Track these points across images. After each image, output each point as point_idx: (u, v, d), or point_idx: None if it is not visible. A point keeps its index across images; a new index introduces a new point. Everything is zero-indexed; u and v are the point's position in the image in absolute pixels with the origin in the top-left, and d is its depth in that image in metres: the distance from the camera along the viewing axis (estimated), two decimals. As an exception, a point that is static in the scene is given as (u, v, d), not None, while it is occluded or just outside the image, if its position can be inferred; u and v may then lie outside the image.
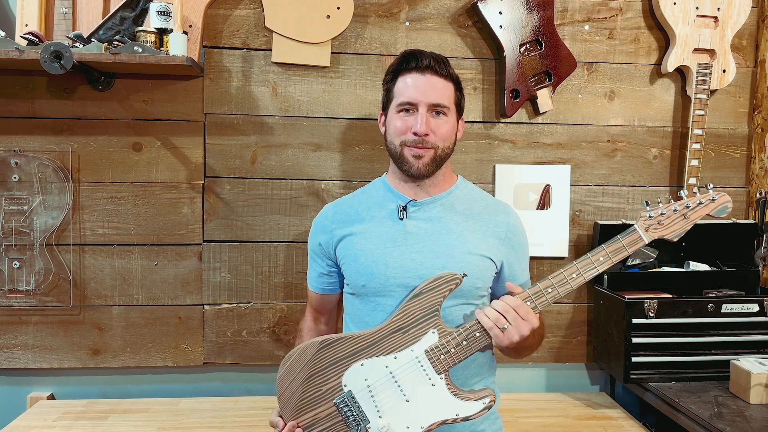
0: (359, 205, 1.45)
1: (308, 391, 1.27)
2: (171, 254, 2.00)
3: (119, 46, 1.74)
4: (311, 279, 1.52)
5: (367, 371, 1.25)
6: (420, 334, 1.24)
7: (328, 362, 1.26)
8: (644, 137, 2.14)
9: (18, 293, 1.95)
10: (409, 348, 1.24)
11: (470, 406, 1.23)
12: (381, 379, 1.24)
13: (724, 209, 1.24)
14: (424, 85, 1.34)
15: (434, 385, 1.23)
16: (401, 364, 1.24)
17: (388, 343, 1.25)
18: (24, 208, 1.94)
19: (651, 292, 2.00)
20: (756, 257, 2.08)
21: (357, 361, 1.25)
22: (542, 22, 1.99)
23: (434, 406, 1.23)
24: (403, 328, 1.25)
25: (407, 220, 1.38)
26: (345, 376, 1.25)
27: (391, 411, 1.23)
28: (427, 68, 1.34)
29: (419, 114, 1.34)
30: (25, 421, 1.82)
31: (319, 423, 1.26)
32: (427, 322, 1.24)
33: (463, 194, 1.45)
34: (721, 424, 1.56)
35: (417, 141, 1.34)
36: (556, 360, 2.15)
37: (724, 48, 2.07)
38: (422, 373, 1.23)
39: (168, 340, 2.02)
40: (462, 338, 1.23)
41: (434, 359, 1.23)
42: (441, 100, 1.35)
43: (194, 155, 1.99)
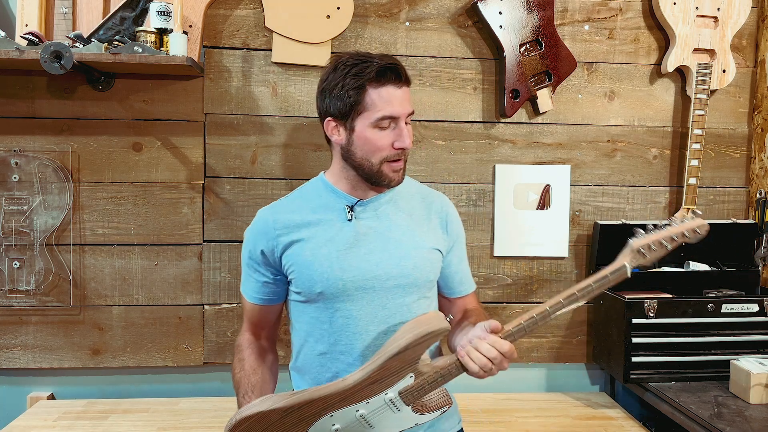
0: (302, 208, 1.37)
1: None
2: (171, 254, 2.00)
3: (119, 46, 1.74)
4: (250, 290, 1.40)
5: (336, 419, 1.22)
6: (396, 381, 1.21)
7: (294, 421, 1.21)
8: (644, 137, 2.14)
9: (18, 293, 1.95)
10: (384, 393, 1.21)
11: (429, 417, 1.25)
12: (351, 424, 1.22)
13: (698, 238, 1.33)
14: (401, 97, 1.29)
15: (400, 411, 1.23)
16: (373, 408, 1.22)
17: (362, 394, 1.21)
18: (24, 208, 1.94)
19: (651, 292, 2.00)
20: (756, 257, 2.08)
21: (326, 414, 1.22)
22: (542, 22, 1.99)
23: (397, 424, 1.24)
24: (380, 380, 1.21)
25: (356, 220, 1.34)
26: (312, 428, 1.22)
27: None
28: (405, 81, 1.30)
29: (401, 128, 1.29)
30: (25, 421, 1.82)
31: None
32: (406, 370, 1.21)
33: (402, 189, 1.41)
34: (721, 424, 1.57)
35: (398, 155, 1.31)
36: (556, 360, 2.15)
37: (724, 48, 2.07)
38: (392, 408, 1.22)
39: (168, 340, 2.02)
40: (438, 376, 1.22)
41: (407, 397, 1.22)
42: (412, 107, 1.33)
43: (194, 155, 1.99)
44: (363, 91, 1.27)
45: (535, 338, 2.13)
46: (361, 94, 1.27)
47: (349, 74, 1.27)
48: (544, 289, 2.12)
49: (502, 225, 2.08)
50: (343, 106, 1.28)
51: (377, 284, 1.30)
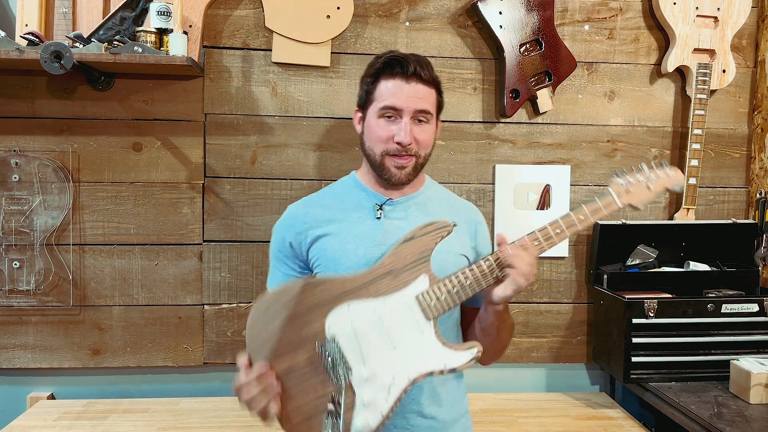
0: (332, 203, 1.39)
1: (287, 335, 1.15)
2: (171, 254, 2.00)
3: (119, 46, 1.74)
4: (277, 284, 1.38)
5: (354, 315, 1.17)
6: (410, 279, 1.19)
7: (312, 304, 1.16)
8: (644, 137, 2.14)
9: (18, 293, 1.95)
10: (399, 292, 1.19)
11: (458, 356, 1.17)
12: (368, 324, 1.17)
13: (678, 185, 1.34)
14: (408, 92, 1.30)
15: (423, 333, 1.18)
16: (390, 308, 1.18)
17: (377, 287, 1.18)
18: (24, 208, 1.94)
19: (651, 292, 2.00)
20: (756, 257, 2.08)
21: (343, 302, 1.17)
22: (542, 22, 1.99)
23: (421, 355, 1.17)
24: (393, 272, 1.19)
25: (384, 219, 1.35)
26: (329, 319, 1.16)
27: (377, 359, 1.16)
28: (412, 75, 1.30)
29: (403, 122, 1.30)
30: (25, 421, 1.82)
31: (296, 370, 1.15)
32: (419, 267, 1.20)
33: (433, 193, 1.44)
34: (721, 424, 1.56)
35: (400, 150, 1.31)
36: (556, 360, 2.15)
37: (724, 48, 2.07)
38: (412, 319, 1.18)
39: (168, 340, 2.02)
40: (453, 285, 1.20)
41: (424, 305, 1.19)
42: (425, 106, 1.32)
43: (194, 155, 1.99)
44: (376, 81, 1.33)
45: (535, 338, 2.13)
46: (374, 83, 1.33)
47: (371, 65, 1.35)
48: (544, 289, 2.12)
49: (502, 225, 2.08)
50: (362, 95, 1.37)
51: None
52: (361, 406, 1.14)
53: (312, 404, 1.14)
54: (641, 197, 1.30)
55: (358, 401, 1.14)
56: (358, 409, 1.14)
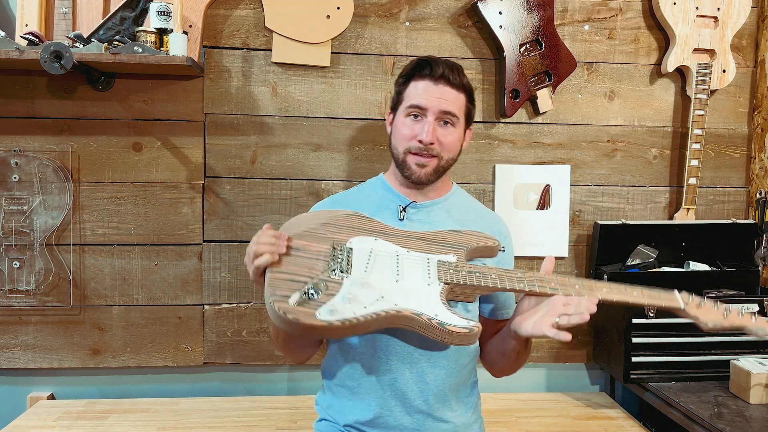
0: (358, 202, 1.44)
1: (319, 230, 1.26)
2: (171, 254, 2.00)
3: (119, 46, 1.74)
4: None
5: (378, 245, 1.26)
6: (441, 251, 1.26)
7: (350, 225, 1.28)
8: (644, 137, 2.14)
9: (18, 293, 1.95)
10: (426, 253, 1.26)
11: (452, 317, 1.17)
12: (385, 254, 1.24)
13: (763, 329, 1.23)
14: (436, 92, 1.34)
15: (429, 285, 1.21)
16: (411, 257, 1.25)
17: (409, 242, 1.27)
18: (24, 208, 1.94)
19: (651, 292, 2.00)
20: (756, 257, 2.08)
21: (374, 236, 1.27)
22: (542, 22, 1.99)
23: (419, 296, 1.19)
24: (429, 240, 1.28)
25: (407, 221, 1.38)
26: (356, 239, 1.26)
27: (377, 278, 1.21)
28: (441, 77, 1.33)
29: (427, 121, 1.33)
30: (25, 421, 1.82)
31: (306, 251, 1.23)
32: (454, 249, 1.26)
33: (459, 201, 1.46)
34: (721, 424, 1.57)
35: (422, 149, 1.34)
36: (556, 360, 2.15)
37: (724, 48, 2.07)
38: (425, 271, 1.22)
39: (168, 340, 2.02)
40: (477, 270, 1.23)
41: (442, 270, 1.22)
42: (451, 108, 1.34)
43: (194, 155, 1.99)
44: (407, 84, 1.38)
45: (534, 338, 2.12)
46: (405, 85, 1.39)
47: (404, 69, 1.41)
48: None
49: (502, 225, 2.08)
50: (394, 97, 1.43)
51: None
52: (339, 297, 1.16)
53: (301, 275, 1.19)
54: (711, 317, 1.25)
55: (342, 292, 1.17)
56: (336, 297, 1.16)
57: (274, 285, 1.16)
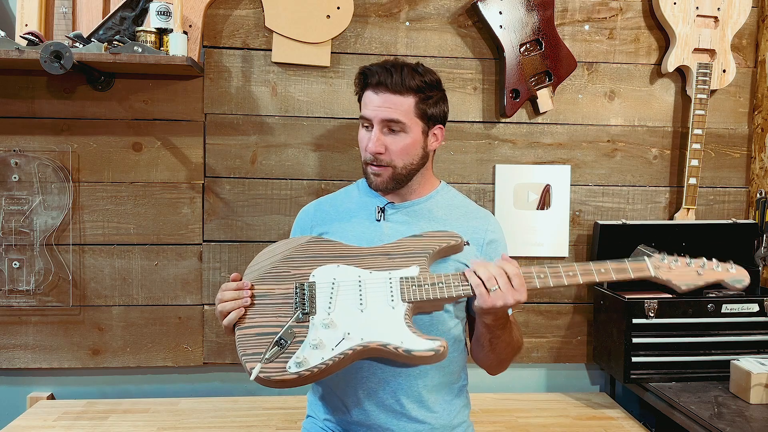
0: (339, 204, 1.46)
1: (279, 268, 1.28)
2: (171, 254, 2.00)
3: (119, 46, 1.74)
4: None
5: (340, 273, 1.25)
6: (403, 265, 1.24)
7: (310, 254, 1.28)
8: (644, 137, 2.14)
9: (18, 293, 1.95)
10: (387, 271, 1.24)
11: (417, 341, 1.16)
12: (348, 283, 1.24)
13: (740, 281, 1.22)
14: (376, 101, 1.32)
15: (393, 308, 1.20)
16: (373, 279, 1.24)
17: (371, 261, 1.26)
18: (24, 208, 1.94)
19: (651, 292, 2.00)
20: (756, 257, 2.08)
21: (335, 262, 1.26)
22: (542, 22, 1.99)
23: (384, 326, 1.19)
24: (390, 254, 1.26)
25: (384, 222, 1.38)
26: (317, 270, 1.26)
27: (342, 311, 1.21)
28: (377, 85, 1.31)
29: (372, 133, 1.33)
30: (25, 421, 1.82)
31: (270, 296, 1.25)
32: (415, 258, 1.25)
33: (443, 200, 1.43)
34: (721, 424, 1.56)
35: (372, 159, 1.34)
36: (556, 360, 2.15)
37: (724, 48, 2.07)
38: (388, 293, 1.22)
39: (168, 340, 2.02)
40: (439, 280, 1.21)
41: (405, 287, 1.21)
42: (391, 115, 1.31)
43: (194, 155, 1.99)
44: (362, 93, 1.38)
45: (535, 338, 2.13)
46: (361, 95, 1.39)
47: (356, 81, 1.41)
48: (544, 290, 2.12)
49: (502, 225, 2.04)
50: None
51: None
52: (307, 344, 1.18)
53: (267, 325, 1.22)
54: (685, 278, 1.21)
55: (308, 339, 1.19)
56: (304, 345, 1.18)
57: (244, 343, 1.20)
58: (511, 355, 1.37)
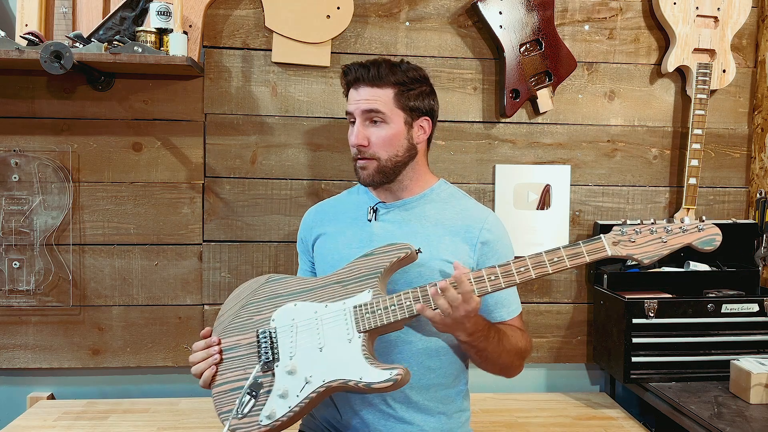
0: (339, 205, 1.49)
1: (242, 316, 1.30)
2: (171, 254, 2.00)
3: (119, 46, 1.74)
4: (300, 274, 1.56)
5: (297, 312, 1.26)
6: (356, 290, 1.25)
7: (268, 295, 1.30)
8: (644, 137, 2.14)
9: (18, 293, 1.95)
10: (342, 301, 1.25)
11: (376, 373, 1.17)
12: (306, 322, 1.25)
13: (710, 241, 1.12)
14: (356, 96, 1.36)
15: (350, 342, 1.21)
16: (329, 313, 1.25)
17: (326, 292, 1.27)
18: (24, 208, 1.94)
19: (651, 292, 2.00)
20: (756, 257, 2.08)
21: (292, 301, 1.28)
22: (542, 22, 1.99)
23: (343, 362, 1.20)
24: (343, 281, 1.27)
25: (375, 222, 1.39)
26: (276, 312, 1.28)
27: (303, 355, 1.23)
28: (354, 81, 1.36)
29: (355, 126, 1.36)
30: (25, 421, 1.82)
31: (239, 348, 1.28)
32: (367, 281, 1.24)
33: (438, 198, 1.41)
34: (721, 424, 1.56)
35: (356, 153, 1.36)
36: (556, 360, 2.15)
37: (724, 48, 2.07)
38: (344, 327, 1.22)
39: (168, 340, 2.02)
40: (391, 303, 1.20)
41: (359, 316, 1.22)
42: (371, 106, 1.32)
43: (194, 155, 1.99)
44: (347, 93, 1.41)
45: (535, 338, 2.12)
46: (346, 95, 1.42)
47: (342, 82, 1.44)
48: (544, 289, 2.12)
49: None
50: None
51: None
52: (275, 395, 1.22)
53: (238, 380, 1.25)
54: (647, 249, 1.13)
55: (275, 389, 1.22)
56: (272, 396, 1.22)
57: (219, 401, 1.25)
58: (514, 360, 1.35)
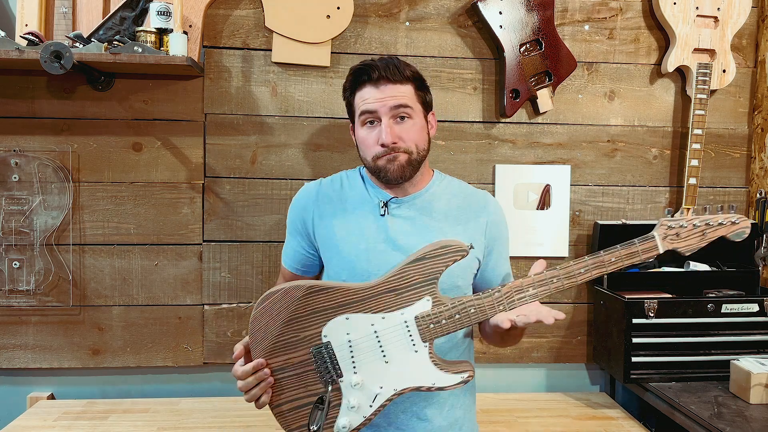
0: (344, 190, 1.43)
1: (285, 334, 1.21)
2: (171, 254, 2.00)
3: (119, 46, 1.74)
4: (288, 258, 1.48)
5: (351, 326, 1.21)
6: (414, 299, 1.20)
7: (312, 309, 1.21)
8: (644, 137, 2.14)
9: (18, 293, 1.95)
10: (400, 311, 1.20)
11: (447, 378, 1.20)
12: (364, 337, 1.20)
13: (741, 233, 1.22)
14: (380, 94, 1.33)
15: (417, 352, 1.20)
16: (388, 326, 1.20)
17: (379, 302, 1.20)
18: (24, 208, 1.94)
19: (651, 292, 2.00)
20: (756, 257, 2.08)
21: (342, 314, 1.21)
22: (542, 22, 1.99)
23: (412, 371, 1.20)
24: (397, 290, 1.20)
25: (388, 217, 1.37)
26: (327, 327, 1.21)
27: (368, 369, 1.20)
28: (379, 79, 1.33)
29: (383, 125, 1.32)
30: (25, 421, 1.82)
31: (289, 368, 1.21)
32: (424, 288, 1.20)
33: (441, 189, 1.43)
34: (721, 424, 1.57)
35: (386, 151, 1.32)
36: (556, 360, 2.15)
37: (724, 48, 2.07)
38: (407, 339, 1.20)
39: (168, 340, 2.02)
40: (456, 311, 1.20)
41: (423, 327, 1.20)
42: (401, 101, 1.33)
43: (194, 155, 1.99)
44: (353, 95, 1.38)
45: (535, 338, 2.13)
46: (352, 97, 1.39)
47: (347, 80, 1.40)
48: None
49: (502, 225, 2.08)
50: (348, 111, 1.43)
51: None
52: (346, 408, 1.21)
53: (302, 397, 1.22)
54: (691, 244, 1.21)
55: (344, 403, 1.21)
56: (344, 409, 1.21)
57: (286, 421, 1.22)
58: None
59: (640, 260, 1.21)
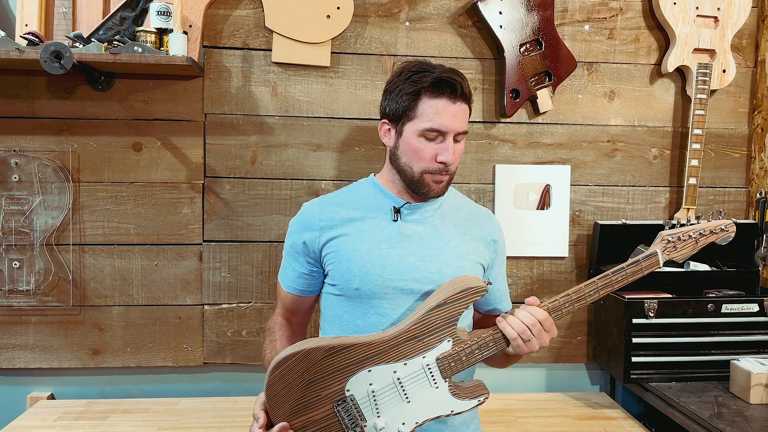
0: (349, 203, 1.40)
1: (306, 396, 1.21)
2: (171, 254, 2.00)
3: (119, 46, 1.74)
4: (287, 279, 1.43)
5: (374, 377, 1.22)
6: (435, 342, 1.22)
7: (334, 369, 1.21)
8: (644, 137, 2.14)
9: (18, 293, 1.95)
10: (421, 356, 1.22)
11: (464, 404, 1.24)
12: (386, 386, 1.22)
13: (728, 238, 1.33)
14: (455, 112, 1.29)
15: (438, 388, 1.23)
16: (410, 372, 1.22)
17: (400, 351, 1.22)
18: (24, 208, 1.94)
19: (651, 292, 2.00)
20: (756, 257, 2.08)
21: (365, 368, 1.21)
22: (542, 22, 1.99)
23: (432, 404, 1.23)
24: (418, 337, 1.22)
25: (401, 222, 1.36)
26: (349, 382, 1.21)
27: (390, 411, 1.22)
28: (460, 96, 1.29)
29: (448, 143, 1.29)
30: (25, 421, 1.82)
31: (312, 425, 1.21)
32: (444, 331, 1.22)
33: (450, 200, 1.44)
34: (721, 424, 1.57)
35: (442, 169, 1.31)
36: (556, 360, 2.15)
37: (724, 48, 2.07)
38: (429, 379, 1.23)
39: (168, 340, 2.02)
40: (476, 347, 1.23)
41: (444, 366, 1.22)
42: (466, 126, 1.32)
43: (194, 155, 1.99)
44: (417, 98, 1.29)
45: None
46: (415, 100, 1.29)
47: (409, 80, 1.30)
48: (544, 289, 2.12)
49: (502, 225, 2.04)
50: (397, 109, 1.31)
51: (415, 287, 1.29)
52: None
53: None
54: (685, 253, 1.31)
55: None
56: None
57: None
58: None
59: (643, 276, 1.31)
